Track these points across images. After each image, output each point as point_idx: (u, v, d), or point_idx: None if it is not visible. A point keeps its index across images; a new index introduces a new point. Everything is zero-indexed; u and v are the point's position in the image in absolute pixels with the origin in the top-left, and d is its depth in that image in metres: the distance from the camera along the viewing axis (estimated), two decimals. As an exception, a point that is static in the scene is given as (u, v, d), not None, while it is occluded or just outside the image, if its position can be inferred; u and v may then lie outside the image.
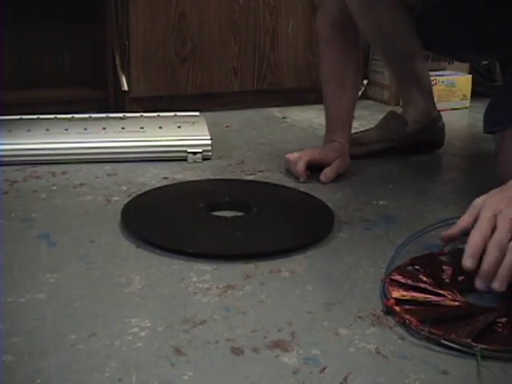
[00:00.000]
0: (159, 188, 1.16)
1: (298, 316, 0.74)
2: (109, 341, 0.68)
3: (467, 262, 0.73)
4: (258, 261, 0.87)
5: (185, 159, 1.35)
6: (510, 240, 0.73)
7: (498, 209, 0.76)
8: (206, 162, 1.35)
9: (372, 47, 1.41)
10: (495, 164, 1.16)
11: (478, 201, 0.81)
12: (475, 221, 0.77)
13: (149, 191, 1.13)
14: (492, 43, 1.22)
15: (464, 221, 0.80)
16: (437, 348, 0.68)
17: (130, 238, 0.94)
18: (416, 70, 1.38)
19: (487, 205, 0.78)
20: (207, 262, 0.87)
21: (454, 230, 0.81)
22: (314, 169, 1.23)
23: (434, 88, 1.49)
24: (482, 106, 1.25)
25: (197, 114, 1.57)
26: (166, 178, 1.24)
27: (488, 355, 0.67)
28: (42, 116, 1.49)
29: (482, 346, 0.67)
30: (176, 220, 1.00)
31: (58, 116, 1.50)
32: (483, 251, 0.73)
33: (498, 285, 0.71)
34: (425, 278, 0.81)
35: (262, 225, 1.00)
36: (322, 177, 1.21)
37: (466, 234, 0.78)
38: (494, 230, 0.74)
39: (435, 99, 1.45)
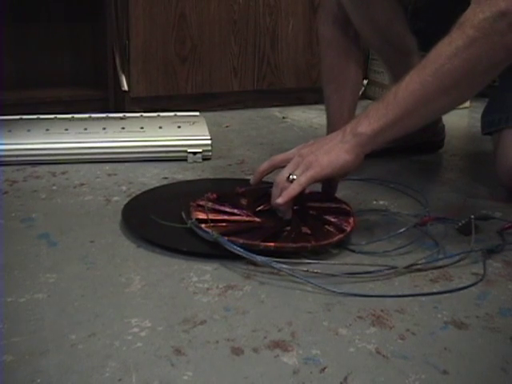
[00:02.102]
0: (161, 187, 1.16)
1: (298, 316, 0.74)
2: (109, 341, 0.68)
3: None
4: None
5: (185, 159, 1.35)
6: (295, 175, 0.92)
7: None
8: (205, 161, 1.35)
9: (368, 45, 1.40)
10: (494, 164, 1.16)
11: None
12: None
13: (151, 189, 1.13)
14: None
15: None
16: (436, 347, 0.69)
17: (130, 238, 0.94)
18: (413, 66, 1.38)
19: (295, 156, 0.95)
20: (207, 261, 0.87)
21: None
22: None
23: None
24: (481, 106, 1.25)
25: (197, 114, 1.57)
26: (165, 177, 1.24)
27: (275, 250, 0.86)
28: (42, 116, 1.49)
29: (268, 244, 0.87)
30: (176, 219, 1.00)
31: (58, 116, 1.50)
32: None
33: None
34: (226, 205, 1.00)
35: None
36: None
37: None
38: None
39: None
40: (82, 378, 0.62)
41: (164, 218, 0.96)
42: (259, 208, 1.01)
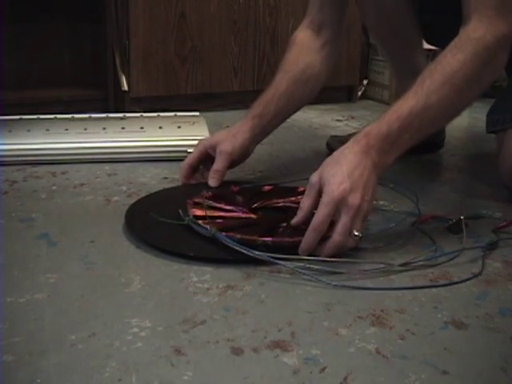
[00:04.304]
0: (165, 189, 1.16)
1: (298, 316, 0.74)
2: (109, 341, 0.68)
3: (302, 251, 0.86)
4: (258, 260, 0.87)
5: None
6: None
7: (336, 194, 0.84)
8: (206, 162, 1.35)
9: (372, 35, 1.39)
10: (497, 163, 1.16)
11: (315, 178, 0.87)
12: (316, 201, 0.86)
13: (155, 193, 1.13)
14: None
15: (305, 204, 0.88)
16: (436, 347, 0.69)
17: (130, 239, 0.94)
18: (416, 62, 1.37)
19: (326, 187, 0.85)
20: (207, 261, 0.87)
21: (300, 217, 0.89)
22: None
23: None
24: (481, 106, 1.26)
25: (197, 114, 1.57)
26: (165, 178, 1.24)
27: (272, 245, 0.86)
28: (42, 116, 1.49)
29: (265, 239, 0.87)
30: (174, 218, 0.99)
31: (58, 116, 1.50)
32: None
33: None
34: (222, 202, 1.00)
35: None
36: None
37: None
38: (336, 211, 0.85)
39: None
40: (82, 378, 0.62)
41: (164, 218, 0.95)
42: (255, 205, 1.02)
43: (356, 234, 0.85)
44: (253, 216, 0.98)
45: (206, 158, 1.15)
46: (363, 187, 0.86)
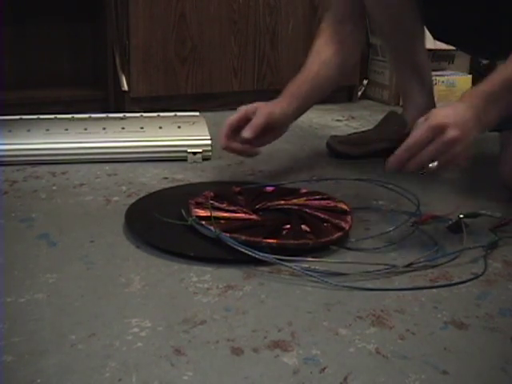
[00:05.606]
0: (165, 189, 1.16)
1: (298, 316, 0.74)
2: (109, 341, 0.68)
3: (390, 165, 0.91)
4: (258, 261, 0.87)
5: (185, 159, 1.35)
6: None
7: (437, 120, 0.87)
8: (205, 162, 1.35)
9: (376, 30, 1.38)
10: (499, 162, 1.16)
11: (423, 118, 0.90)
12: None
13: (155, 192, 1.13)
14: (506, 35, 1.18)
15: (418, 133, 0.89)
16: (436, 347, 0.69)
17: (130, 238, 0.94)
18: (418, 59, 1.37)
19: (430, 115, 0.89)
20: (207, 261, 0.87)
21: (409, 143, 0.90)
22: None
23: (435, 88, 1.49)
24: (482, 106, 1.25)
25: (197, 114, 1.57)
26: (165, 178, 1.24)
27: (277, 247, 0.87)
28: (42, 116, 1.49)
29: (270, 240, 0.87)
30: (177, 219, 0.99)
31: (58, 116, 1.50)
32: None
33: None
34: (224, 203, 1.00)
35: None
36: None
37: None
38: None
39: (435, 99, 1.45)
40: (82, 378, 0.62)
41: (164, 217, 0.95)
42: (257, 206, 1.02)
43: (430, 165, 0.87)
44: (255, 217, 0.97)
45: (244, 125, 1.13)
46: (463, 130, 0.88)
